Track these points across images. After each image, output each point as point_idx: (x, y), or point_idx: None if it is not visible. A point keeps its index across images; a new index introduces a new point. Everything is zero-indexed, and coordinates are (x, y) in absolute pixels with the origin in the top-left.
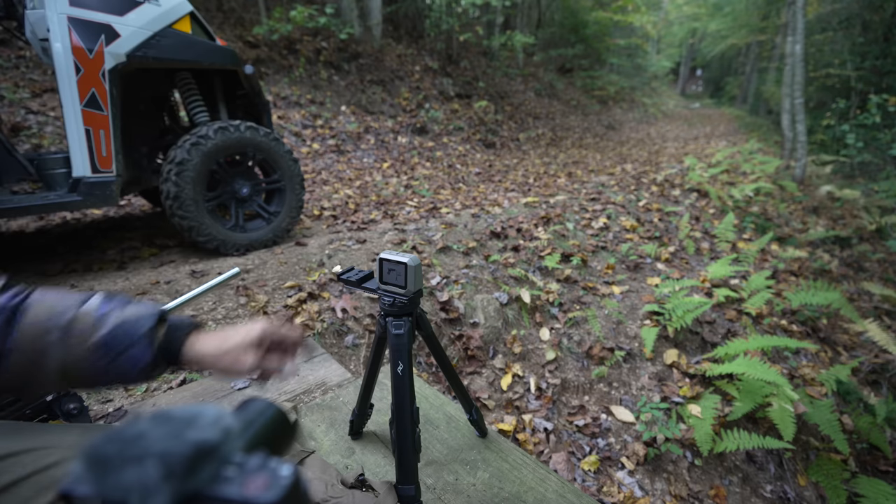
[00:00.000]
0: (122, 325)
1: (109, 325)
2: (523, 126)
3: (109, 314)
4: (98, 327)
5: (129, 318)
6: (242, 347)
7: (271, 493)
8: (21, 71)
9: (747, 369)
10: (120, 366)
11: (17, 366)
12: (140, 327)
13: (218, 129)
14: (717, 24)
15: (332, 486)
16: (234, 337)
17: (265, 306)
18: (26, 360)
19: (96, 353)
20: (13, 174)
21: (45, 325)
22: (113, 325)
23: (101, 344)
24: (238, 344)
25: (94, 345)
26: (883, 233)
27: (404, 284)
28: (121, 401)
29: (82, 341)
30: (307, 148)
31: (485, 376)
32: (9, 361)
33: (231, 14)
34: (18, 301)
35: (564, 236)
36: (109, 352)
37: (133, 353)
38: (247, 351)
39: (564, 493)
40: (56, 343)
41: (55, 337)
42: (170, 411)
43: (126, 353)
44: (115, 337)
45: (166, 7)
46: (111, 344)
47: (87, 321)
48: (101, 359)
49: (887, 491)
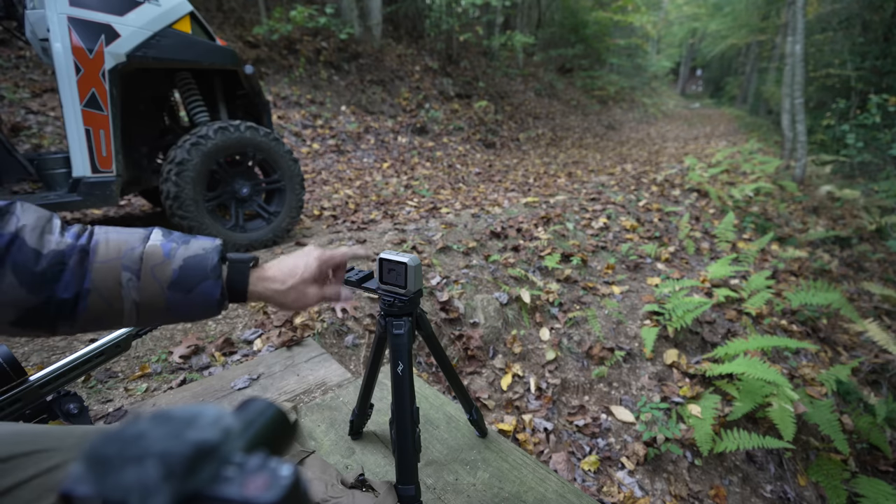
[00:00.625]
0: (191, 260)
1: (179, 261)
2: (523, 126)
3: (176, 250)
4: (169, 262)
5: (197, 253)
6: (306, 283)
7: (271, 493)
8: (21, 71)
9: (747, 369)
10: (191, 300)
11: (96, 305)
12: (208, 262)
13: (218, 129)
14: (717, 24)
15: (332, 486)
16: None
17: (265, 306)
18: (103, 298)
19: (170, 290)
20: (13, 174)
21: (117, 263)
22: (182, 261)
23: (175, 280)
24: (302, 279)
25: (167, 281)
26: (883, 233)
27: (404, 284)
28: (121, 401)
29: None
30: (307, 148)
31: (485, 376)
32: (87, 301)
33: (231, 14)
34: (85, 241)
35: (564, 236)
36: (183, 287)
37: (204, 288)
38: (310, 285)
39: (564, 493)
40: (130, 280)
41: (129, 274)
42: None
43: (197, 288)
44: (186, 272)
45: (166, 7)
46: (183, 279)
47: (157, 256)
48: (175, 294)
49: (887, 491)
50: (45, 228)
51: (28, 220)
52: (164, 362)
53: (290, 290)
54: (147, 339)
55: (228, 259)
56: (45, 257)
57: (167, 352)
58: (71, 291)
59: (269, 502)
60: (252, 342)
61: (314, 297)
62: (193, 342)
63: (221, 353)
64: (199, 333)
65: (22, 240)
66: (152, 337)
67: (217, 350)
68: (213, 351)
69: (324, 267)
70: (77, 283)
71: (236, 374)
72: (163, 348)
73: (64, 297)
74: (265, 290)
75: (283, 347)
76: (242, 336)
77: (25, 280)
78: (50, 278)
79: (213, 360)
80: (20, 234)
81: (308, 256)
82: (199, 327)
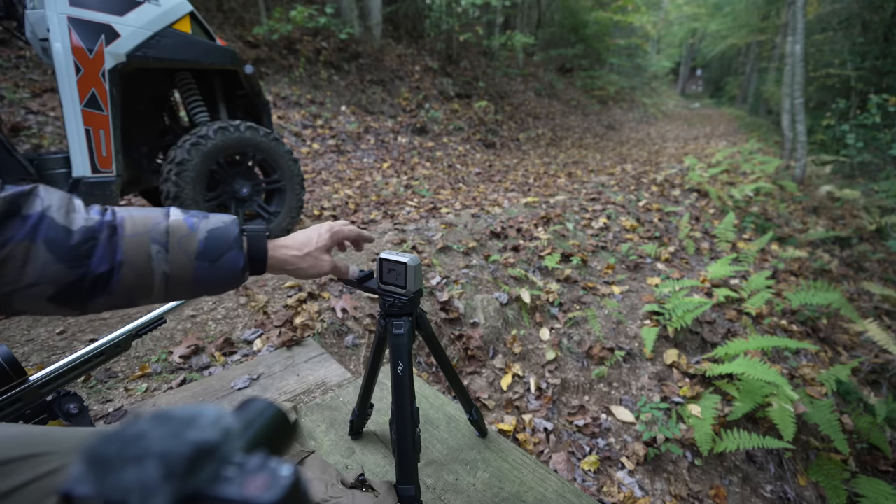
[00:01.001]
0: (215, 232)
1: (203, 233)
2: (523, 126)
3: (198, 223)
4: (194, 234)
5: (218, 226)
6: (320, 251)
7: (271, 493)
8: (21, 71)
9: (747, 369)
10: (219, 270)
11: (128, 278)
12: (230, 233)
13: (218, 129)
14: (717, 24)
15: (332, 486)
16: (310, 242)
17: (265, 306)
18: (134, 271)
19: (197, 260)
20: (13, 174)
21: (146, 236)
22: (206, 232)
23: (201, 251)
24: (314, 249)
25: (194, 252)
26: (883, 233)
27: (404, 284)
28: (121, 401)
29: (183, 249)
30: (307, 148)
31: (485, 376)
32: (120, 274)
33: (231, 14)
34: (111, 217)
35: (564, 236)
36: (208, 257)
37: (229, 258)
38: (323, 253)
39: (564, 493)
40: (160, 252)
41: (158, 247)
42: (170, 411)
43: (222, 258)
44: (212, 243)
45: (166, 7)
46: (209, 250)
47: (183, 229)
48: (202, 265)
49: (887, 491)
50: (69, 207)
51: (52, 200)
52: (164, 362)
53: (307, 257)
54: (147, 339)
55: (245, 231)
56: (76, 233)
57: (167, 352)
58: (106, 265)
59: (269, 502)
60: (252, 342)
61: (328, 264)
62: (193, 342)
63: (221, 353)
64: (199, 333)
65: (50, 218)
66: (152, 337)
67: (217, 350)
68: (213, 351)
69: (335, 238)
70: (110, 257)
71: (236, 374)
72: (163, 348)
73: (100, 272)
74: (283, 255)
75: (283, 347)
76: (242, 336)
77: (62, 256)
78: (85, 253)
79: (213, 360)
80: (47, 212)
81: (320, 228)
82: (199, 327)
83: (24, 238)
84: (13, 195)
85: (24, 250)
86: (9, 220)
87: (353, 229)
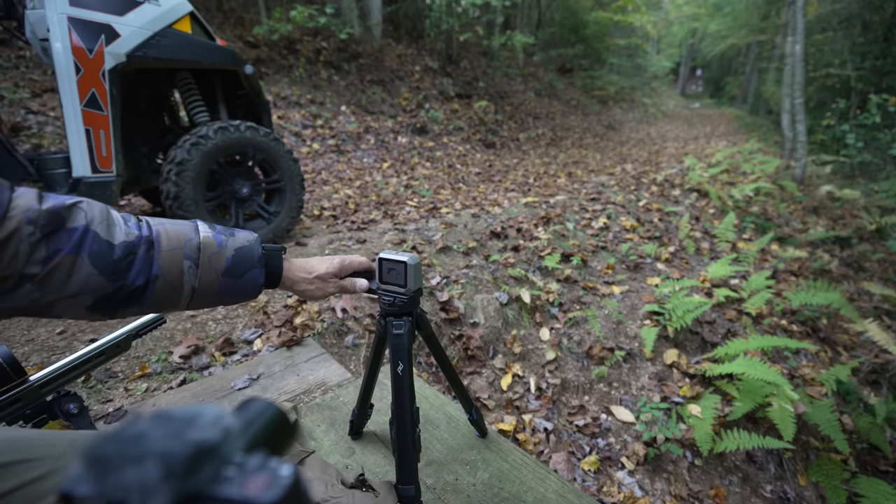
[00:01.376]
0: (241, 251)
1: (231, 251)
2: (523, 126)
3: (227, 241)
4: (223, 253)
5: (245, 244)
6: (327, 276)
7: (271, 493)
8: (21, 71)
9: (747, 369)
10: (241, 286)
11: (162, 290)
12: (255, 252)
13: (218, 129)
14: (717, 24)
15: (332, 486)
16: (319, 267)
17: (265, 306)
18: (168, 285)
19: (224, 276)
20: (13, 174)
21: (179, 252)
22: (234, 251)
23: (228, 268)
24: (323, 273)
25: (222, 269)
26: (883, 233)
27: (404, 283)
28: (121, 401)
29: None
30: (307, 148)
31: (485, 376)
32: (156, 286)
33: (231, 14)
34: (147, 231)
35: (564, 236)
36: (234, 274)
37: (252, 275)
38: (329, 279)
39: (564, 493)
40: (191, 268)
41: (190, 262)
42: (170, 411)
43: (247, 275)
44: (239, 261)
45: (166, 7)
46: (235, 268)
47: (213, 247)
48: (227, 281)
49: (887, 491)
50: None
51: (95, 213)
52: (164, 362)
53: (315, 280)
54: (147, 339)
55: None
56: (117, 248)
57: (167, 352)
58: (143, 279)
59: (269, 502)
60: (252, 342)
61: (333, 287)
62: (193, 342)
63: (221, 353)
64: (199, 333)
65: (94, 232)
66: (152, 337)
67: (217, 350)
68: (213, 351)
69: (344, 268)
70: (147, 271)
71: (236, 374)
72: (163, 348)
73: (137, 284)
74: (295, 276)
75: (283, 347)
76: (242, 336)
77: (105, 269)
78: (125, 267)
79: (213, 360)
80: (91, 226)
81: (332, 258)
82: (199, 327)
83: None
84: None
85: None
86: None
87: (363, 261)
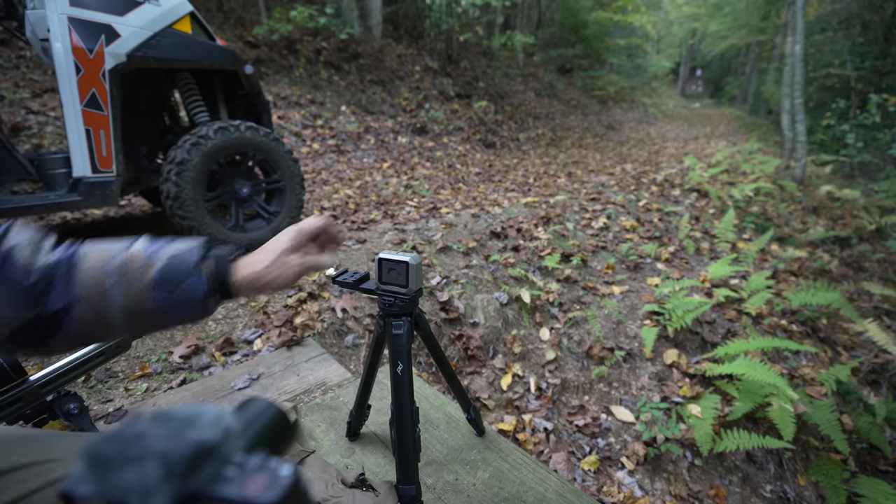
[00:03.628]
0: (174, 258)
1: (162, 261)
2: (523, 126)
3: (158, 251)
4: (151, 264)
5: (179, 252)
6: (284, 254)
7: (271, 493)
8: (21, 71)
9: (747, 369)
10: (179, 299)
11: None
12: (191, 258)
13: (218, 129)
14: (716, 25)
15: (333, 486)
16: (271, 248)
17: (265, 306)
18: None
19: (154, 290)
20: (13, 174)
21: (101, 270)
22: (165, 260)
23: (158, 280)
24: (279, 252)
25: (151, 282)
26: (883, 233)
27: (405, 283)
28: (121, 401)
29: (139, 280)
30: (307, 148)
31: (485, 376)
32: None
33: (231, 14)
34: (72, 252)
35: (564, 236)
36: (167, 286)
37: (189, 285)
38: (288, 255)
39: (564, 493)
40: (115, 286)
41: (113, 280)
42: (170, 411)
43: (182, 285)
44: (169, 271)
45: (166, 7)
46: (167, 278)
47: (139, 260)
48: (160, 295)
49: (887, 491)
50: (37, 247)
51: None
52: (164, 362)
53: (272, 265)
54: (147, 339)
55: (212, 255)
56: (34, 272)
57: (167, 352)
58: (61, 302)
59: (270, 502)
60: (252, 342)
61: (296, 265)
62: (193, 342)
63: (221, 353)
64: (199, 333)
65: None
66: (152, 337)
67: (217, 350)
68: (213, 351)
69: (299, 237)
70: (65, 294)
71: (236, 374)
72: (163, 348)
73: (54, 309)
74: (249, 273)
75: (283, 347)
76: (242, 336)
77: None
78: (40, 292)
79: (213, 360)
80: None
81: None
82: (200, 327)
83: None
84: None
85: None
86: None
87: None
